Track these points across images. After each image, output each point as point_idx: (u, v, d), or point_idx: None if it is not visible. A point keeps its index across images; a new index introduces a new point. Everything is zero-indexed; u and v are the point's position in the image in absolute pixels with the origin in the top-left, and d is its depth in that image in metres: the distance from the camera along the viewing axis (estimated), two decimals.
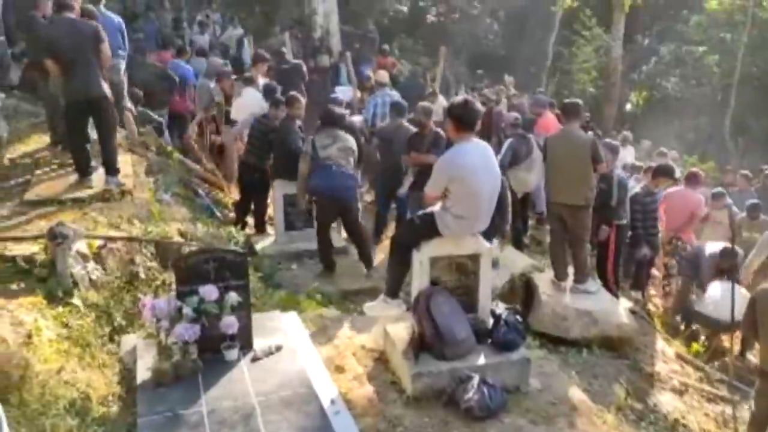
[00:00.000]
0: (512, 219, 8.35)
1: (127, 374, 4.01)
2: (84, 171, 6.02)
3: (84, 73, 5.72)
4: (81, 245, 4.56)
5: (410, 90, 13.50)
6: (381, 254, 7.37)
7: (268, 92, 8.59)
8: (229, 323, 3.92)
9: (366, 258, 6.84)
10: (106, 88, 5.89)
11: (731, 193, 9.97)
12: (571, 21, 23.78)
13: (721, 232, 8.34)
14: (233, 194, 8.99)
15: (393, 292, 4.76)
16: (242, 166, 7.95)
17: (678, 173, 9.07)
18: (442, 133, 7.09)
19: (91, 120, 6.01)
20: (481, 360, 4.38)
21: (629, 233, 7.31)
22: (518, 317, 4.71)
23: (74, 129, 5.98)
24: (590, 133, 10.19)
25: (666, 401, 5.59)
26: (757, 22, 22.09)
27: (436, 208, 4.45)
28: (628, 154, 11.69)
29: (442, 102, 10.40)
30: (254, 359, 4.05)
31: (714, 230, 8.57)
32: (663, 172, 7.83)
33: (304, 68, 11.31)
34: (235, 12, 18.00)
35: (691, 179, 8.29)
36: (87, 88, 5.74)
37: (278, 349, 4.18)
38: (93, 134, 6.12)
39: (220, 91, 9.49)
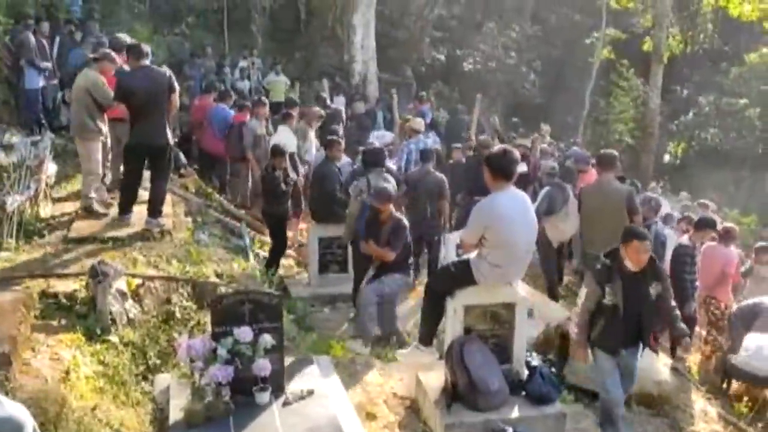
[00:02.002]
0: (547, 269, 8.35)
1: (159, 414, 4.03)
2: (125, 210, 6.19)
3: (153, 121, 5.93)
4: (120, 283, 4.64)
5: (454, 127, 13.69)
6: (414, 300, 7.33)
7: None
8: (262, 366, 3.92)
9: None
10: (170, 135, 6.09)
11: None
12: (609, 71, 23.83)
13: (766, 287, 8.07)
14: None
15: (426, 339, 4.73)
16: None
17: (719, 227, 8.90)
18: (404, 222, 6.32)
19: None
20: (515, 412, 4.31)
21: (681, 287, 7.10)
22: (553, 369, 4.63)
23: (132, 170, 6.23)
24: (628, 182, 10.15)
25: None
26: None
27: (472, 255, 4.44)
28: (664, 207, 11.50)
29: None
30: (286, 403, 4.04)
31: (758, 286, 8.29)
32: (706, 224, 7.66)
33: (343, 113, 11.51)
34: (277, 58, 18.46)
35: (725, 235, 8.03)
36: (154, 135, 5.95)
37: (310, 393, 4.16)
38: None
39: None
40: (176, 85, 6.08)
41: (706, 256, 7.64)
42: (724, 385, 7.16)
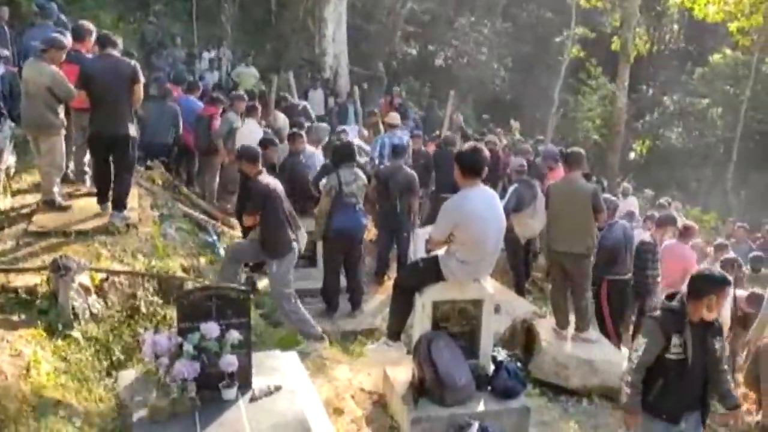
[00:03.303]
0: (515, 265, 8.44)
1: (123, 410, 3.98)
2: (103, 200, 6.12)
3: (112, 110, 5.82)
4: (83, 278, 4.56)
5: (429, 122, 13.74)
6: (382, 295, 7.35)
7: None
8: (229, 362, 3.89)
9: (356, 300, 6.88)
10: (132, 128, 5.98)
11: (730, 244, 9.97)
12: (578, 69, 24.12)
13: None
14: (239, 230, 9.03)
15: (395, 334, 4.75)
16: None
17: (680, 224, 9.08)
18: (262, 185, 5.75)
19: None
20: (481, 407, 4.35)
21: (643, 283, 7.23)
22: (519, 364, 4.70)
23: (99, 160, 6.13)
24: (594, 179, 10.29)
25: None
26: (760, 77, 22.40)
27: (441, 252, 4.46)
28: (630, 205, 11.69)
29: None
30: (252, 399, 4.01)
31: None
32: (666, 222, 7.85)
33: (310, 109, 11.45)
34: (247, 50, 18.29)
35: (684, 233, 8.21)
36: (112, 125, 5.84)
37: (277, 389, 4.14)
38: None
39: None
40: (141, 76, 5.96)
41: (667, 253, 7.81)
42: None
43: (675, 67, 26.31)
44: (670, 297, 3.97)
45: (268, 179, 5.72)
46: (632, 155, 26.07)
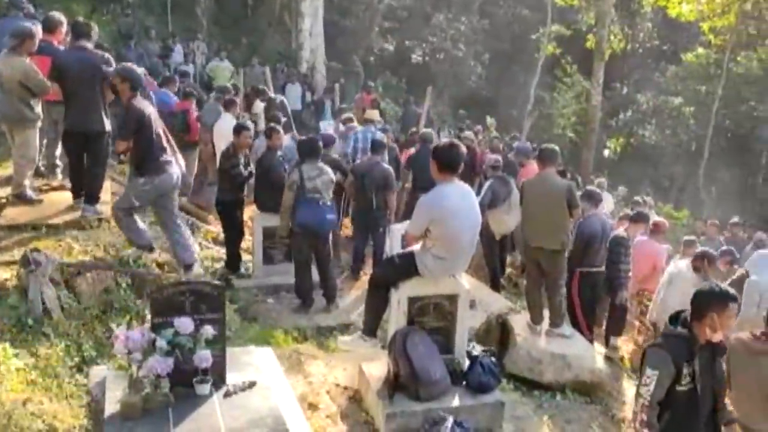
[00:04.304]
0: (490, 260, 8.49)
1: (94, 406, 3.93)
2: (77, 194, 6.05)
3: (86, 105, 5.74)
4: (54, 273, 4.50)
5: (406, 118, 13.72)
6: (359, 291, 7.35)
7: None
8: (203, 357, 3.86)
9: (330, 295, 6.87)
10: (106, 122, 5.89)
11: (701, 241, 10.13)
12: (553, 67, 24.31)
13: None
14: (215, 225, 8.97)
15: (370, 330, 4.75)
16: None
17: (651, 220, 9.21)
18: (134, 107, 5.42)
19: None
20: (456, 402, 4.37)
21: (616, 276, 7.31)
22: (493, 359, 4.72)
23: (73, 156, 6.06)
24: (568, 176, 10.38)
25: None
26: (731, 76, 22.76)
27: (416, 248, 4.47)
28: (605, 202, 11.82)
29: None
30: (227, 395, 3.99)
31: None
32: (639, 218, 7.96)
33: (287, 104, 11.39)
34: (222, 43, 18.14)
35: (654, 230, 8.33)
36: (86, 119, 5.75)
37: (252, 384, 4.12)
38: None
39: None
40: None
41: (638, 250, 7.92)
42: None
43: (649, 66, 26.67)
44: (674, 319, 3.60)
45: (142, 104, 5.48)
46: (606, 152, 26.37)
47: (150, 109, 5.52)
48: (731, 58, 22.65)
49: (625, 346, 7.89)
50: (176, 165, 5.64)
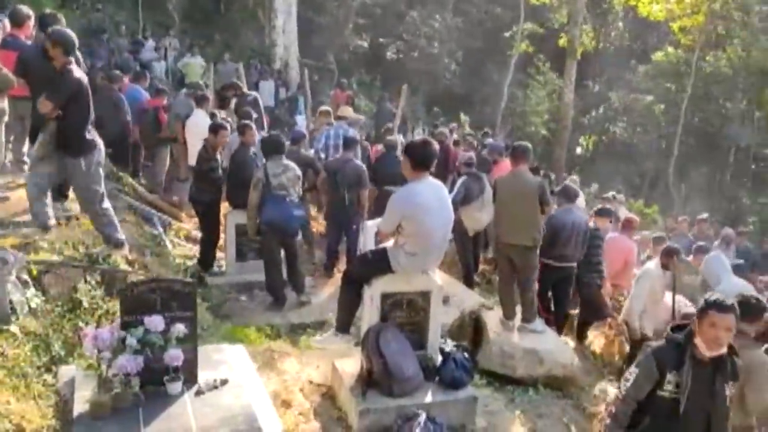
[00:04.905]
0: (463, 257, 8.53)
1: (63, 406, 3.87)
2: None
3: None
4: (22, 271, 4.42)
5: (380, 116, 13.72)
6: (332, 288, 7.34)
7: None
8: (174, 356, 3.83)
9: (299, 288, 6.90)
10: None
11: (670, 237, 10.29)
12: (526, 65, 24.50)
13: None
14: (188, 222, 8.90)
15: (343, 326, 4.75)
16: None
17: (622, 216, 9.33)
18: (67, 71, 5.07)
19: None
20: (429, 397, 4.39)
21: (592, 269, 7.38)
22: (466, 355, 4.74)
23: None
24: (542, 173, 10.48)
25: None
26: (700, 75, 23.15)
27: (389, 244, 4.48)
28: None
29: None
30: (198, 393, 3.96)
31: None
32: (602, 213, 8.06)
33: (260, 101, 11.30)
34: (194, 39, 17.94)
35: (626, 225, 8.44)
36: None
37: (223, 383, 4.10)
38: None
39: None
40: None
41: (610, 246, 8.01)
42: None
43: (620, 64, 27.01)
44: (679, 327, 3.47)
45: (79, 73, 5.20)
46: (579, 150, 26.69)
47: (86, 80, 5.25)
48: (700, 57, 23.05)
49: (597, 340, 7.99)
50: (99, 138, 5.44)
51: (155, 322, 3.79)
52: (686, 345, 3.32)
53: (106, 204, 5.47)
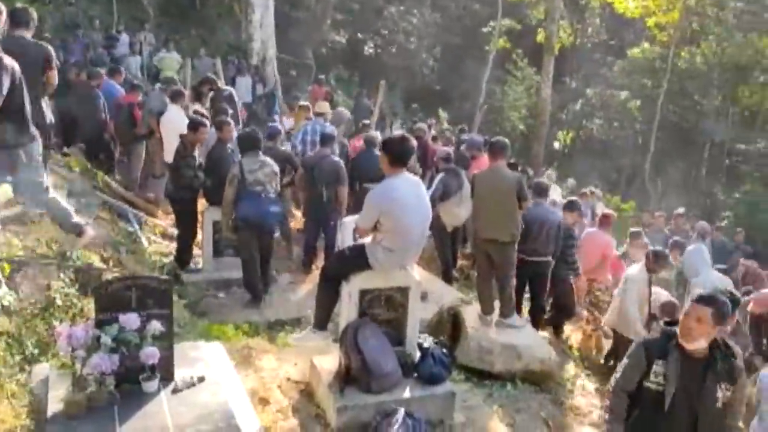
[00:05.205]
0: (442, 253, 8.54)
1: (37, 406, 3.82)
2: None
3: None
4: None
5: (358, 111, 13.70)
6: (310, 285, 7.32)
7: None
8: (150, 353, 3.79)
9: (266, 282, 6.87)
10: (46, 114, 5.69)
11: (646, 232, 10.42)
12: (504, 61, 24.61)
13: None
14: (164, 219, 8.81)
15: (321, 323, 4.74)
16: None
17: (599, 212, 9.43)
18: None
19: None
20: (407, 393, 4.40)
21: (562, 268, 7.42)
22: (445, 351, 4.76)
23: None
24: (519, 169, 10.53)
25: None
26: (676, 70, 23.43)
27: (367, 240, 4.47)
28: (553, 193, 12.04)
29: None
30: (175, 391, 3.92)
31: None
32: (574, 207, 8.08)
33: (236, 95, 11.22)
34: (170, 34, 17.75)
35: (603, 221, 8.52)
36: None
37: (200, 380, 4.07)
38: None
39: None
40: (55, 61, 5.69)
41: (587, 241, 8.08)
42: (608, 362, 7.55)
43: (597, 60, 27.25)
44: (670, 323, 3.43)
45: (7, 59, 4.92)
46: (557, 145, 26.87)
47: (17, 67, 4.98)
48: (675, 53, 23.32)
49: (574, 335, 8.06)
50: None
51: (130, 319, 3.75)
52: (674, 336, 3.30)
53: (52, 194, 5.35)
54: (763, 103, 23.85)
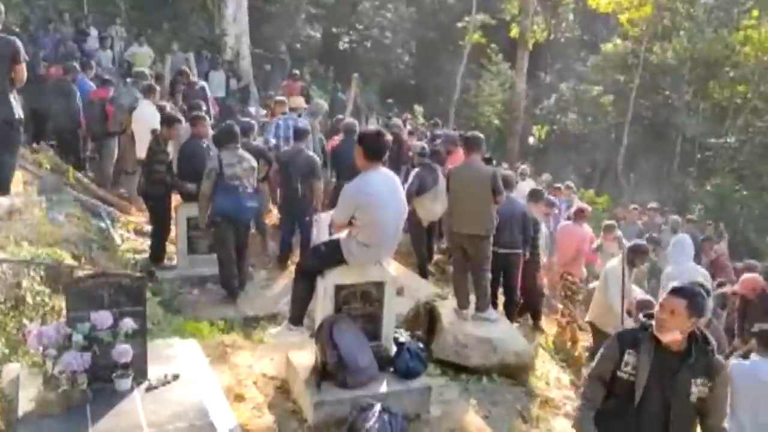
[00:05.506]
0: (418, 247, 8.56)
1: (7, 406, 3.76)
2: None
3: None
4: None
5: (333, 106, 13.65)
6: (285, 280, 7.29)
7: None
8: (123, 351, 3.74)
9: (242, 282, 6.81)
10: (15, 109, 5.59)
11: (620, 225, 10.55)
12: (479, 55, 24.69)
13: None
14: (137, 216, 8.70)
15: (297, 319, 4.72)
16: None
17: (574, 206, 9.52)
18: None
19: None
20: (383, 388, 4.40)
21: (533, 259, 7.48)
22: (421, 345, 4.77)
23: None
24: (494, 163, 10.58)
25: (560, 426, 5.78)
26: (648, 66, 23.71)
27: (342, 235, 4.46)
28: (527, 187, 12.12)
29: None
30: (148, 389, 3.88)
31: (606, 261, 8.95)
32: (538, 197, 8.14)
33: (209, 91, 11.13)
34: (142, 28, 17.48)
35: (578, 215, 8.61)
36: None
37: (175, 378, 4.03)
38: None
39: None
40: (23, 55, 5.59)
41: (563, 235, 8.15)
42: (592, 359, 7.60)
43: (570, 55, 27.45)
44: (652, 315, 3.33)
45: None
46: (531, 140, 27.04)
47: None
48: (647, 48, 23.59)
49: (549, 328, 8.13)
50: None
51: (102, 317, 3.70)
52: (648, 327, 3.26)
53: None
54: (733, 98, 24.24)
